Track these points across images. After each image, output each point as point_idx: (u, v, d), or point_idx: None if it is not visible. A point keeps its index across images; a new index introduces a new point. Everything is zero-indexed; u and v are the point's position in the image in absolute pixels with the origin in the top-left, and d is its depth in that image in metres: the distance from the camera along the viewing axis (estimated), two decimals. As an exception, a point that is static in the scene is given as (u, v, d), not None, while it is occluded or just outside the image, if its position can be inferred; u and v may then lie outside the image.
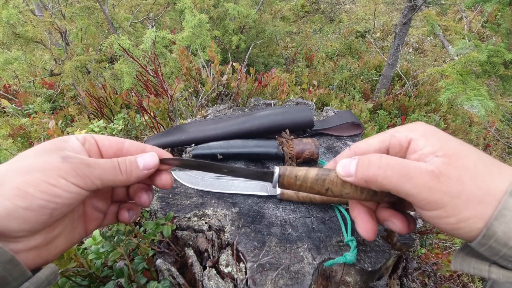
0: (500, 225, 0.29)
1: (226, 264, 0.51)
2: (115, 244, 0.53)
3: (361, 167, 0.36)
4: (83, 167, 0.37)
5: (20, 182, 0.33)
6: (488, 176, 0.31)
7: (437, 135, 0.35)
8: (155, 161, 0.43)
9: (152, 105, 1.13)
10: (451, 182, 0.31)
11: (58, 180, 0.35)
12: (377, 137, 0.39)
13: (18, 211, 0.32)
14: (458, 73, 1.85)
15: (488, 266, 0.31)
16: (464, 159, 0.32)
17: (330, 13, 6.57)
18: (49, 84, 3.35)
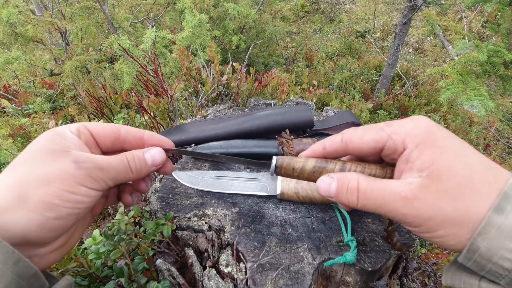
0: (483, 241, 0.30)
1: (226, 264, 0.51)
2: (116, 243, 0.53)
3: (340, 193, 0.37)
4: (97, 172, 0.37)
5: (44, 195, 0.34)
6: (471, 197, 0.31)
7: (433, 147, 0.33)
8: (163, 157, 0.44)
9: (152, 105, 1.13)
10: (425, 207, 0.32)
11: (78, 188, 0.36)
12: (372, 135, 0.37)
13: (49, 222, 0.34)
14: (458, 73, 1.85)
15: (478, 281, 0.32)
16: (448, 180, 0.32)
17: (330, 13, 6.57)
18: (49, 84, 3.35)
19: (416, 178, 0.33)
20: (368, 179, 0.37)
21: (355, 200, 0.36)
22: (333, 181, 0.38)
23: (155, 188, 0.71)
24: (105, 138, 0.43)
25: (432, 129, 0.35)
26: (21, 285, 0.30)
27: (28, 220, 0.32)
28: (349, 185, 0.37)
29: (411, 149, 0.34)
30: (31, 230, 0.32)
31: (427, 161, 0.33)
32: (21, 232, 0.32)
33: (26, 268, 0.30)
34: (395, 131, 0.36)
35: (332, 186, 0.38)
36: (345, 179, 0.38)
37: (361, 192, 0.36)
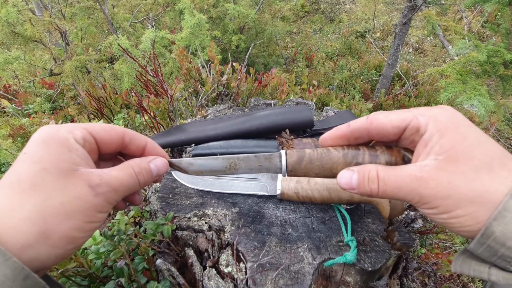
0: (499, 225, 0.30)
1: (226, 264, 0.51)
2: (116, 243, 0.53)
3: (362, 185, 0.39)
4: (112, 195, 0.37)
5: (67, 230, 0.33)
6: (489, 180, 0.31)
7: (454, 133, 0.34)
8: (166, 168, 0.44)
9: (152, 105, 1.13)
10: (440, 186, 0.33)
11: (97, 216, 0.36)
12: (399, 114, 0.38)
13: (68, 253, 0.35)
14: (458, 73, 1.85)
15: (488, 268, 0.32)
16: (466, 163, 0.32)
17: (330, 13, 6.57)
18: (49, 84, 3.35)
19: (432, 160, 0.34)
20: (385, 167, 0.38)
21: (376, 187, 0.37)
22: (354, 173, 0.39)
23: (155, 188, 0.71)
24: (109, 145, 0.41)
25: (457, 117, 0.35)
26: None
27: (48, 255, 0.32)
28: (370, 175, 0.38)
29: (432, 132, 0.35)
30: (50, 262, 0.33)
31: (446, 146, 0.34)
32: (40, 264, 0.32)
33: (34, 284, 0.30)
34: (421, 113, 0.37)
35: (354, 179, 0.39)
36: (365, 170, 0.39)
37: (381, 179, 0.37)
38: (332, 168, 0.43)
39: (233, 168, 0.45)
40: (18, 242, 0.30)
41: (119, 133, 0.42)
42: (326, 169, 0.43)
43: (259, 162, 0.45)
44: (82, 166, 0.36)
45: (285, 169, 0.44)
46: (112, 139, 0.41)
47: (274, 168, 0.45)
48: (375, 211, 0.61)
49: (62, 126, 0.38)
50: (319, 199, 0.59)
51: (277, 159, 0.45)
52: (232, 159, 0.45)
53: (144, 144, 0.44)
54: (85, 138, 0.38)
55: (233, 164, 0.45)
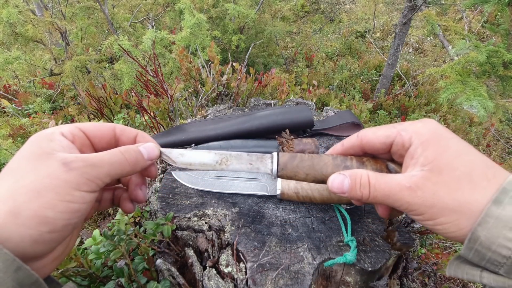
0: (482, 230, 0.32)
1: (226, 264, 0.51)
2: (116, 243, 0.53)
3: (353, 189, 0.40)
4: (89, 169, 0.35)
5: (36, 208, 0.31)
6: (469, 191, 0.34)
7: (437, 145, 0.37)
8: (157, 152, 0.43)
9: (152, 105, 1.13)
10: (426, 195, 0.35)
11: (72, 194, 0.33)
12: (385, 131, 0.41)
13: (44, 236, 0.32)
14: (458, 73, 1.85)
15: (480, 272, 0.34)
16: (448, 174, 0.35)
17: (330, 13, 6.57)
18: (49, 84, 3.35)
19: (418, 171, 0.36)
20: (376, 174, 0.40)
21: (367, 193, 0.39)
22: (346, 178, 0.41)
23: (155, 188, 0.71)
24: (101, 139, 0.41)
25: (439, 130, 0.38)
26: None
27: (20, 237, 0.30)
28: (361, 180, 0.40)
29: (416, 145, 0.38)
30: (26, 246, 0.31)
31: (430, 158, 0.36)
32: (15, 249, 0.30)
33: (26, 276, 0.29)
34: (404, 128, 0.40)
35: (345, 183, 0.41)
36: (356, 175, 0.40)
37: (372, 185, 0.39)
38: (322, 169, 0.44)
39: (224, 164, 0.45)
40: None
41: (110, 127, 0.42)
42: (316, 170, 0.44)
43: (251, 161, 0.45)
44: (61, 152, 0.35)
45: (276, 169, 0.44)
46: (103, 133, 0.41)
47: (265, 168, 0.45)
48: (375, 211, 0.61)
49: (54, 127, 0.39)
50: (319, 199, 0.59)
51: (269, 159, 0.45)
52: (224, 155, 0.45)
53: (135, 134, 0.44)
54: (74, 133, 0.39)
55: (224, 160, 0.45)
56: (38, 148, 0.35)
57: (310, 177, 0.45)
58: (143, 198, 0.45)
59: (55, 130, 0.37)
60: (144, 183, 0.46)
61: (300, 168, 0.44)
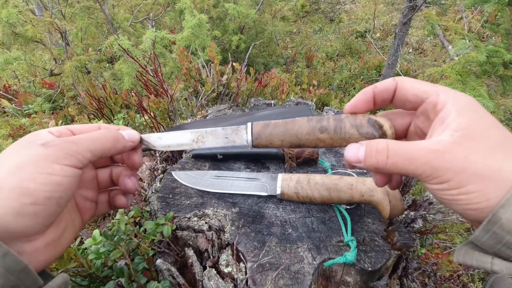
0: (505, 212, 0.30)
1: (226, 264, 0.51)
2: (116, 243, 0.53)
3: (369, 156, 0.37)
4: (68, 145, 0.36)
5: (17, 180, 0.32)
6: (503, 160, 0.32)
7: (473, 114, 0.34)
8: (137, 135, 0.45)
9: (152, 105, 1.13)
10: (456, 159, 0.33)
11: (52, 166, 0.34)
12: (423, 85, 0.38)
13: (27, 208, 0.32)
14: (458, 73, 1.85)
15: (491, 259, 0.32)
16: (481, 141, 0.33)
17: (330, 13, 6.57)
18: (49, 84, 3.35)
19: (448, 136, 0.34)
20: (397, 141, 0.37)
21: (384, 159, 0.36)
22: (362, 146, 0.39)
23: (155, 188, 0.71)
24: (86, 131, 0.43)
25: (477, 103, 0.36)
26: (10, 280, 0.29)
27: (3, 209, 0.31)
28: (379, 146, 0.37)
29: (450, 110, 0.35)
30: (9, 219, 0.31)
31: (464, 124, 0.34)
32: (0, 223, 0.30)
33: (14, 262, 0.29)
34: (444, 90, 0.37)
35: (361, 150, 0.38)
36: (374, 143, 0.38)
37: (391, 150, 0.36)
38: (297, 133, 0.42)
39: (200, 141, 0.46)
40: None
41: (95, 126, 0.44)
42: (291, 135, 0.43)
43: (226, 135, 0.45)
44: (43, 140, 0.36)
45: (251, 139, 0.44)
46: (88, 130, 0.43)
47: (240, 140, 0.45)
48: (375, 211, 0.61)
49: None
50: (319, 199, 0.59)
51: (244, 131, 0.45)
52: (200, 132, 0.46)
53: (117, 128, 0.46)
54: (60, 131, 0.40)
55: (200, 137, 0.46)
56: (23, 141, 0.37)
57: (286, 143, 0.44)
58: (132, 187, 0.46)
59: (42, 130, 0.39)
60: (133, 174, 0.47)
61: (274, 135, 0.44)
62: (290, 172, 0.70)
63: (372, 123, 0.40)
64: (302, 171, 0.72)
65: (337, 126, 0.41)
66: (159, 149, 0.47)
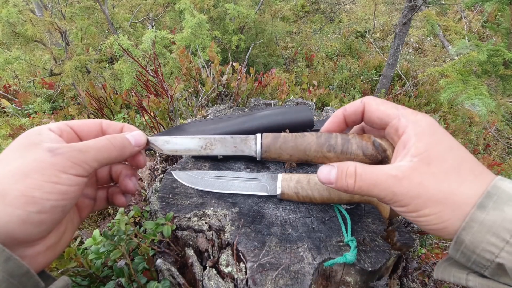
0: (467, 234, 0.33)
1: (226, 264, 0.51)
2: (116, 243, 0.53)
3: (340, 179, 0.40)
4: (75, 154, 0.36)
5: (23, 189, 0.32)
6: (456, 183, 0.34)
7: (430, 138, 0.37)
8: (144, 139, 0.45)
9: (152, 105, 1.13)
10: (412, 185, 0.35)
11: (58, 176, 0.34)
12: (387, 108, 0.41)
13: (32, 216, 0.32)
14: (458, 73, 1.85)
15: (466, 275, 0.34)
16: (437, 166, 0.35)
17: (330, 13, 6.57)
18: (49, 84, 3.35)
19: (407, 161, 0.36)
20: (364, 165, 0.40)
21: (353, 183, 0.39)
22: (333, 168, 0.41)
23: (155, 188, 0.71)
24: (89, 134, 0.43)
25: (436, 125, 0.38)
26: (13, 284, 0.29)
27: (9, 216, 0.31)
28: (348, 170, 0.40)
29: (410, 135, 0.37)
30: (14, 226, 0.31)
31: (421, 149, 0.36)
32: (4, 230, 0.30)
33: (17, 266, 0.29)
34: (405, 114, 0.39)
35: (332, 173, 0.41)
36: (344, 165, 0.41)
37: (358, 175, 0.39)
38: (306, 149, 0.44)
39: (209, 148, 0.46)
40: None
41: (96, 122, 0.44)
42: (300, 150, 0.44)
43: (235, 144, 0.46)
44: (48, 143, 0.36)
45: (260, 150, 0.44)
46: (90, 128, 0.43)
47: (249, 150, 0.45)
48: (375, 211, 0.61)
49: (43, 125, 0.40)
50: (319, 199, 0.58)
51: (253, 141, 0.46)
52: (209, 139, 0.46)
53: (121, 126, 0.45)
54: (61, 128, 0.40)
55: (209, 144, 0.46)
56: (26, 139, 0.36)
57: (294, 158, 0.44)
58: (133, 187, 0.46)
59: (43, 126, 0.39)
60: (134, 174, 0.47)
61: (283, 149, 0.44)
62: (290, 172, 0.70)
63: (377, 146, 0.43)
64: (302, 171, 0.72)
65: (344, 146, 0.43)
66: (166, 153, 0.46)
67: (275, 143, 0.44)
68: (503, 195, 0.32)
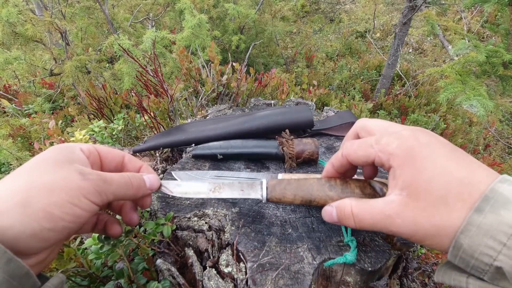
0: (465, 238, 0.33)
1: (226, 264, 0.51)
2: (114, 245, 0.53)
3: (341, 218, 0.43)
4: (101, 183, 0.38)
5: (46, 203, 0.33)
6: (446, 214, 0.35)
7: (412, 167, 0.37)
8: (158, 183, 0.47)
9: (152, 105, 1.13)
10: (406, 223, 0.37)
11: (80, 199, 0.36)
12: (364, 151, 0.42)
13: (44, 232, 0.33)
14: (457, 73, 1.85)
15: (466, 278, 0.34)
16: (425, 199, 0.36)
17: (330, 13, 6.57)
18: (49, 84, 3.35)
19: (397, 195, 0.38)
20: (359, 203, 0.41)
21: (352, 223, 0.42)
22: (333, 210, 0.44)
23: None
24: (111, 162, 0.45)
25: (414, 150, 0.38)
26: (12, 284, 0.29)
27: (23, 226, 0.32)
28: (345, 211, 0.42)
29: (394, 168, 0.39)
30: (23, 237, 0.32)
31: (407, 181, 0.37)
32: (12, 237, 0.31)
33: (17, 267, 0.30)
34: (381, 149, 0.40)
35: (334, 214, 0.44)
36: (341, 206, 0.43)
37: (355, 216, 0.41)
38: (308, 189, 0.47)
39: (217, 192, 0.49)
40: None
41: (120, 154, 0.47)
42: (303, 191, 0.47)
43: (242, 188, 0.49)
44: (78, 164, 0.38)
45: (266, 193, 0.48)
46: (113, 157, 0.46)
47: (255, 194, 0.49)
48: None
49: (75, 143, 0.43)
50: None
51: (259, 186, 0.49)
52: (217, 183, 0.49)
53: (140, 165, 0.49)
54: (90, 150, 0.43)
55: (217, 188, 0.49)
56: (60, 155, 0.38)
57: (298, 198, 0.48)
58: (137, 221, 0.48)
59: (75, 145, 0.41)
60: (135, 208, 0.49)
61: (288, 190, 0.48)
62: (290, 172, 0.71)
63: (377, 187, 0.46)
64: (302, 171, 0.72)
65: (344, 185, 0.47)
66: (176, 195, 0.49)
67: (279, 185, 0.48)
68: (500, 198, 0.32)
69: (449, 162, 0.36)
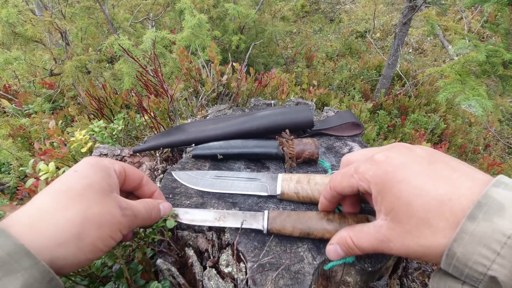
0: (458, 246, 0.32)
1: (226, 264, 0.51)
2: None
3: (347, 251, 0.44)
4: (133, 219, 0.42)
5: (95, 238, 0.37)
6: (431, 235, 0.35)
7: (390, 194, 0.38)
8: (169, 211, 0.52)
9: (152, 105, 1.13)
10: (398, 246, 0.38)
11: (117, 233, 0.40)
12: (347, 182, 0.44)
13: (84, 262, 0.37)
14: (457, 73, 1.85)
15: (461, 285, 0.34)
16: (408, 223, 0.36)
17: (330, 13, 6.57)
18: (49, 84, 3.35)
19: (383, 220, 0.39)
20: (355, 232, 0.43)
21: (358, 252, 0.43)
22: (337, 247, 0.45)
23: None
24: (132, 181, 0.50)
25: (389, 175, 0.38)
26: None
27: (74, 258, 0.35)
28: (348, 244, 0.43)
29: (375, 195, 0.40)
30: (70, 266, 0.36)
31: (388, 207, 0.38)
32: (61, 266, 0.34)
33: (56, 285, 0.33)
34: (361, 178, 0.41)
35: (339, 251, 0.45)
36: (342, 241, 0.44)
37: (357, 246, 0.42)
38: (307, 222, 0.50)
39: (222, 220, 0.53)
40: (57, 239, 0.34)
41: (141, 175, 0.52)
42: (302, 223, 0.50)
43: (245, 218, 0.53)
44: (115, 191, 0.43)
45: (267, 224, 0.51)
46: (135, 176, 0.50)
47: (257, 224, 0.52)
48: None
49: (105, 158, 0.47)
50: (319, 199, 0.58)
51: (261, 217, 0.52)
52: (223, 213, 0.54)
53: (155, 189, 0.54)
54: (121, 171, 0.47)
55: (222, 217, 0.53)
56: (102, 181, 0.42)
57: (296, 230, 0.50)
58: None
59: (110, 165, 0.45)
60: None
61: (287, 221, 0.50)
62: (290, 172, 0.70)
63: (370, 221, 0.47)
64: (302, 171, 0.72)
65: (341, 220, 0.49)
66: (184, 222, 0.53)
67: (280, 217, 0.51)
68: (493, 205, 0.31)
69: (426, 181, 0.36)
